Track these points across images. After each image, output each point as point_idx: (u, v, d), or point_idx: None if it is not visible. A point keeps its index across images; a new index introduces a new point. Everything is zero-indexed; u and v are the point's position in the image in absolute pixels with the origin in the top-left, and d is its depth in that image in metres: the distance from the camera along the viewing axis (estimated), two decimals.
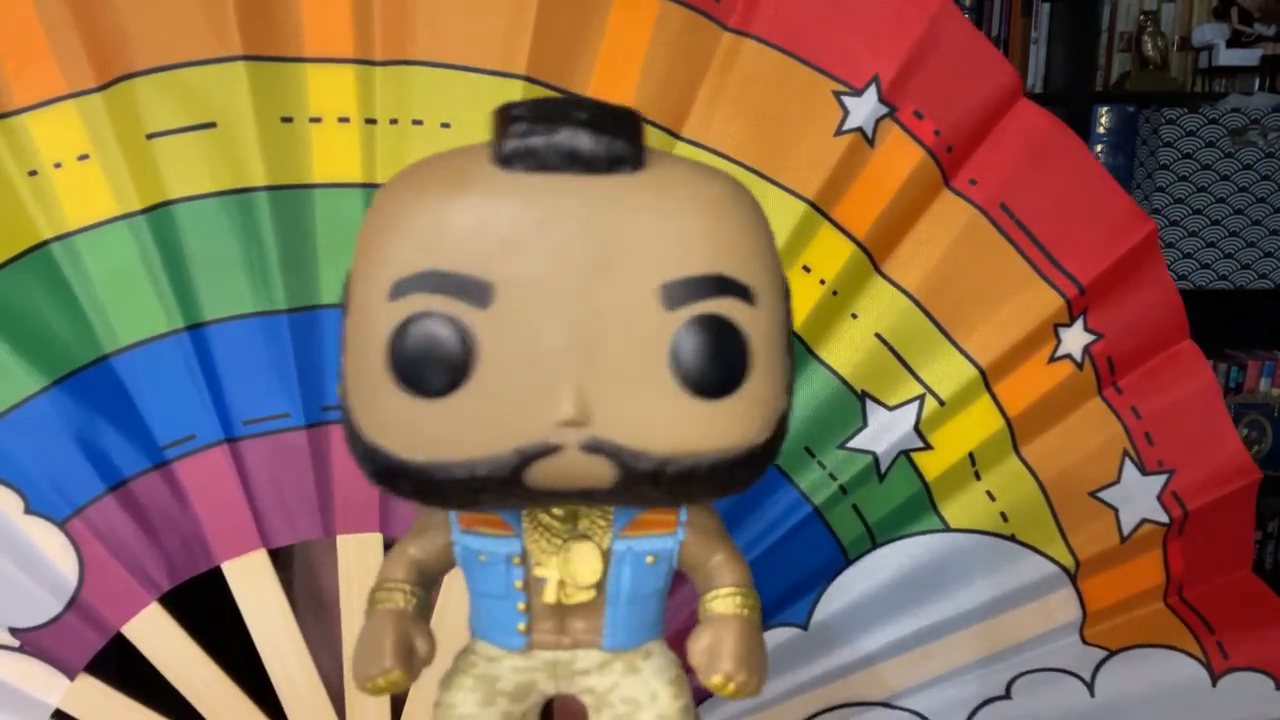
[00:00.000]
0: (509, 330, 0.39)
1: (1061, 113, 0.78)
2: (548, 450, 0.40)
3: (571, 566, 0.46)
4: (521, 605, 0.48)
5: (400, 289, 0.40)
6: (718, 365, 0.40)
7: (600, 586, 0.47)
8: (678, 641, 0.49)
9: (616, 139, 0.39)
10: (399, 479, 0.42)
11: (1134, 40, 2.53)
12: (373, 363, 0.40)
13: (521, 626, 0.48)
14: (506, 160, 0.40)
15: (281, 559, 0.79)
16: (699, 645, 0.47)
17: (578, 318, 0.39)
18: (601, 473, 0.40)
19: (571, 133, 0.39)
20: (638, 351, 0.40)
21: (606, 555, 0.47)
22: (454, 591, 0.50)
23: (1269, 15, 2.50)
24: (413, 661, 0.48)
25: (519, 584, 0.47)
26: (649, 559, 0.47)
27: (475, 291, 0.39)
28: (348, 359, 0.42)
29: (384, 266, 0.40)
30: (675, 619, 0.50)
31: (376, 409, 0.41)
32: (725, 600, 0.48)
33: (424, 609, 0.50)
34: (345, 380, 0.42)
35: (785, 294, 0.43)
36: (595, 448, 0.40)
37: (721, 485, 0.42)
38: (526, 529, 0.47)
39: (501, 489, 0.41)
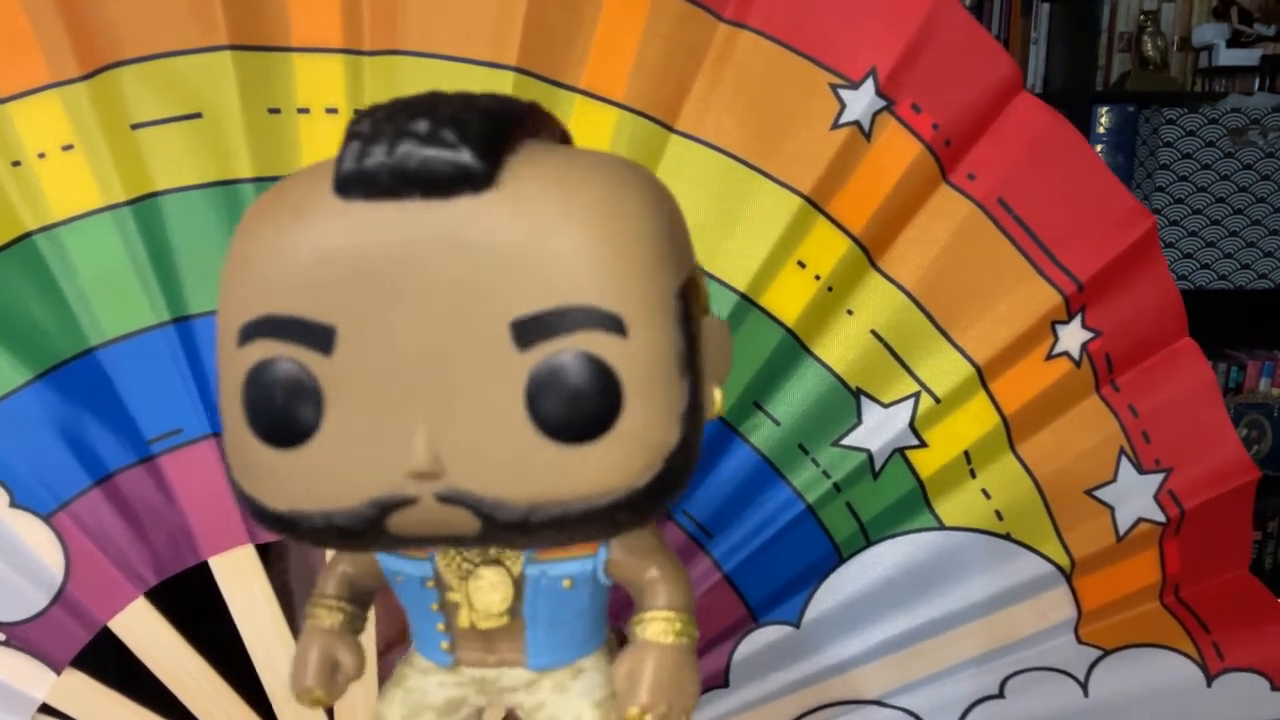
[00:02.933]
0: (354, 377, 0.37)
1: (1061, 113, 0.77)
2: (403, 501, 0.38)
3: (480, 595, 0.45)
4: (441, 626, 0.47)
5: (245, 334, 0.37)
6: (579, 408, 0.36)
7: (515, 611, 0.46)
8: (627, 612, 0.47)
9: (460, 151, 0.36)
10: (267, 523, 0.40)
11: (1134, 40, 2.52)
12: (234, 410, 0.38)
13: (445, 645, 0.47)
14: (342, 188, 0.36)
15: (276, 548, 0.79)
16: (620, 672, 0.45)
17: (426, 361, 0.37)
18: (463, 522, 0.38)
19: (409, 149, 0.36)
20: (491, 395, 0.36)
21: (520, 580, 0.45)
22: None
23: (1269, 15, 2.49)
24: (336, 678, 0.48)
25: (435, 606, 0.46)
26: (565, 583, 0.46)
27: (316, 337, 0.37)
28: (220, 404, 0.40)
29: (231, 311, 0.38)
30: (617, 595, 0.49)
31: (238, 455, 0.39)
32: (650, 625, 0.45)
33: (355, 624, 0.50)
34: (222, 422, 0.40)
35: (681, 311, 0.38)
36: (452, 498, 0.37)
37: (600, 530, 0.39)
38: (438, 552, 0.45)
39: (364, 538, 0.39)
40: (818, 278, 0.76)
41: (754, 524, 0.77)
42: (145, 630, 0.73)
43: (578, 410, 0.36)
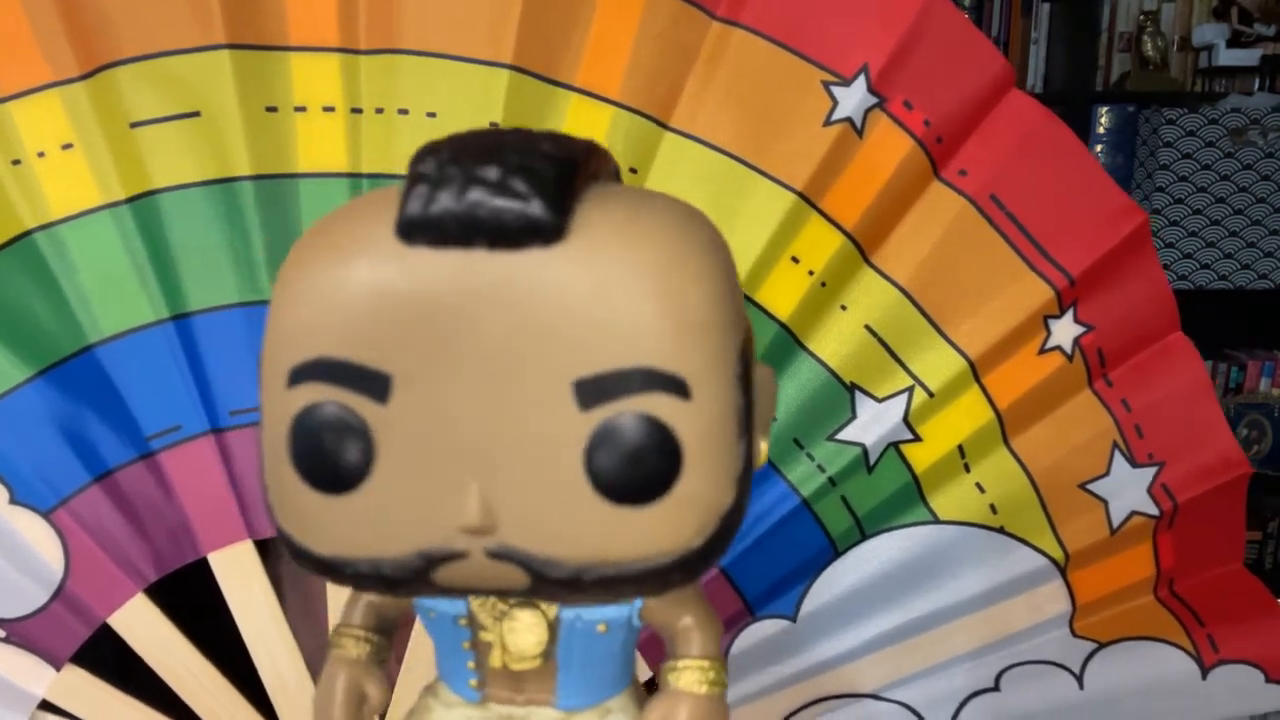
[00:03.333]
0: (409, 426, 0.36)
1: (1061, 113, 0.77)
2: (452, 555, 0.37)
3: (515, 636, 0.44)
4: (471, 664, 0.47)
5: (296, 376, 0.36)
6: (640, 471, 0.35)
7: (548, 654, 0.45)
8: (653, 645, 0.48)
9: (531, 203, 0.34)
10: (310, 566, 0.39)
11: (1134, 40, 2.52)
12: (278, 451, 0.37)
13: (473, 683, 0.47)
14: (406, 232, 0.35)
15: (271, 553, 0.79)
16: (651, 718, 0.45)
17: (483, 415, 0.36)
18: (513, 577, 0.37)
19: (479, 198, 0.34)
20: (549, 454, 0.35)
21: (554, 624, 0.45)
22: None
23: (1269, 15, 2.50)
24: (362, 711, 0.48)
25: (466, 644, 0.46)
26: (600, 627, 0.45)
27: (372, 384, 0.35)
28: (262, 438, 0.39)
29: (280, 350, 0.37)
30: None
31: (283, 498, 0.38)
32: (685, 674, 0.45)
33: (381, 655, 0.50)
34: (263, 462, 0.39)
35: (741, 372, 0.38)
36: (503, 555, 0.36)
37: (651, 590, 0.39)
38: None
39: (410, 586, 0.38)
40: (811, 273, 0.76)
41: (750, 518, 0.77)
42: (144, 626, 0.74)
43: (637, 472, 0.35)
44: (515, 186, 0.34)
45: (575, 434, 0.35)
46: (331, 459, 0.36)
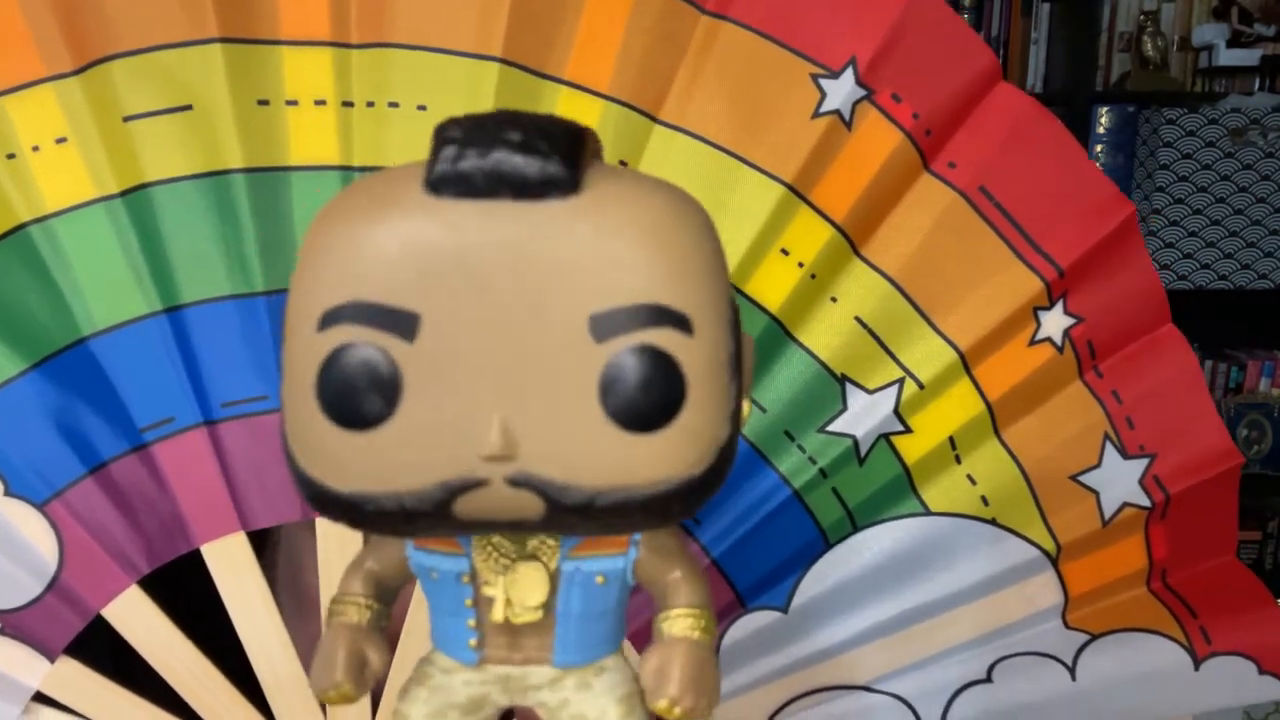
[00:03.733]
0: (435, 363, 0.39)
1: (1061, 113, 0.78)
2: (473, 484, 0.39)
3: (517, 588, 0.46)
4: (472, 622, 0.48)
5: (327, 320, 0.39)
6: (649, 398, 0.38)
7: (549, 607, 0.47)
8: (642, 635, 0.49)
9: (550, 161, 0.38)
10: (330, 508, 0.41)
11: (1134, 40, 2.53)
12: (303, 393, 0.39)
13: (473, 642, 0.48)
14: (435, 186, 0.38)
15: (266, 550, 0.79)
16: (649, 667, 0.47)
17: (505, 350, 0.38)
18: (529, 505, 0.40)
19: (503, 156, 0.37)
20: (567, 384, 0.38)
21: (555, 576, 0.47)
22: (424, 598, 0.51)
23: (1269, 15, 2.50)
24: (364, 675, 0.49)
25: (469, 601, 0.48)
26: (599, 579, 0.47)
27: (401, 323, 0.38)
28: (284, 388, 0.41)
29: (311, 297, 0.39)
30: (639, 615, 0.50)
31: (306, 439, 0.41)
32: (678, 622, 0.47)
33: (380, 621, 0.51)
34: (283, 408, 0.42)
35: (732, 320, 0.41)
36: (522, 481, 0.39)
37: (656, 517, 0.41)
38: (475, 548, 0.47)
39: (430, 520, 0.41)
40: (801, 265, 0.77)
41: (741, 509, 0.78)
42: (138, 618, 0.74)
43: (648, 401, 0.38)
44: (538, 145, 0.38)
45: (591, 365, 0.38)
46: (361, 396, 0.39)
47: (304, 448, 0.41)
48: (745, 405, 0.44)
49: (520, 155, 0.37)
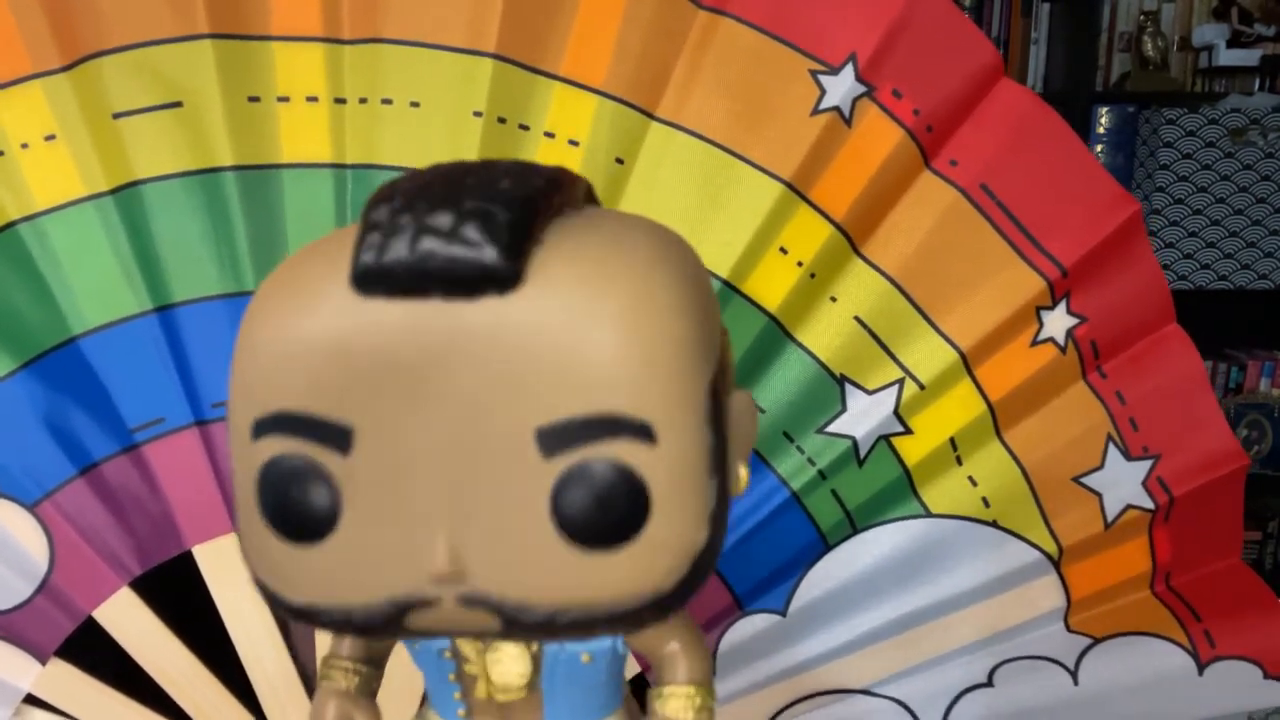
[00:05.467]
0: (374, 477, 0.36)
1: (1061, 113, 0.77)
2: (423, 603, 0.37)
3: (497, 670, 0.45)
4: (458, 694, 0.47)
5: (258, 429, 0.36)
6: (606, 517, 0.35)
7: (534, 684, 0.46)
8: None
9: (485, 249, 0.34)
10: (284, 612, 0.39)
11: (1134, 40, 2.52)
12: (247, 501, 0.37)
13: (461, 713, 0.47)
14: (360, 282, 0.35)
15: None
16: None
17: (448, 462, 0.36)
18: (485, 622, 0.37)
19: (432, 246, 0.34)
20: (515, 502, 0.36)
21: (538, 657, 0.45)
22: None
23: (1269, 15, 2.49)
24: None
25: (452, 676, 0.47)
26: (584, 658, 0.46)
27: (333, 437, 0.36)
28: (234, 489, 0.39)
29: (242, 402, 0.37)
30: None
31: (253, 546, 0.38)
32: (671, 701, 0.46)
33: (370, 685, 0.50)
34: (234, 512, 0.39)
35: (711, 412, 0.37)
36: (473, 601, 0.37)
37: (625, 628, 0.40)
38: None
39: (383, 632, 0.39)
40: (800, 264, 0.76)
41: (739, 511, 0.77)
42: (129, 620, 0.73)
43: (604, 519, 0.35)
44: (468, 235, 0.34)
45: (539, 481, 0.35)
46: (298, 510, 0.36)
47: (252, 554, 0.39)
48: (742, 470, 0.40)
49: (451, 246, 0.34)
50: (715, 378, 0.38)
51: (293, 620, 0.40)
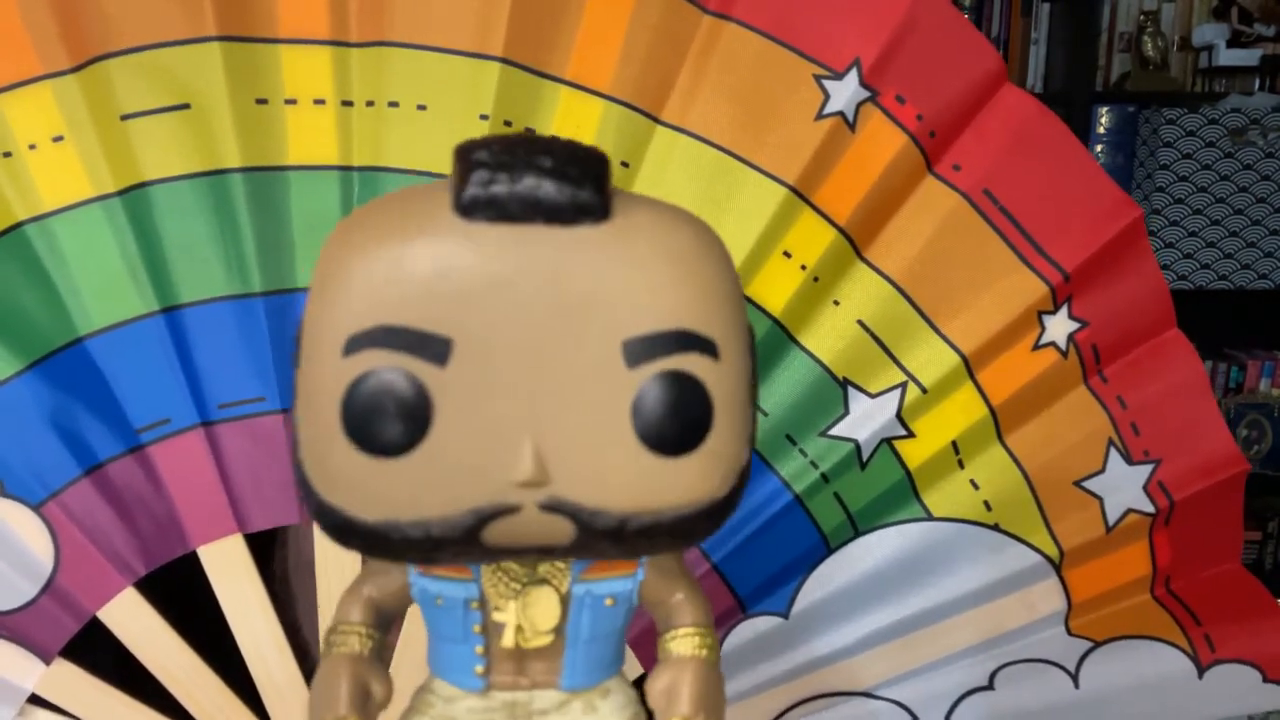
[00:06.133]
0: (467, 389, 0.38)
1: (1061, 113, 0.77)
2: (505, 510, 0.39)
3: (530, 612, 0.46)
4: (480, 649, 0.47)
5: (354, 344, 0.38)
6: (681, 423, 0.39)
7: (559, 630, 0.47)
8: (640, 642, 0.48)
9: (582, 188, 0.38)
10: (352, 537, 0.40)
11: (1134, 40, 2.52)
12: (325, 419, 0.38)
13: (479, 669, 0.48)
14: (467, 209, 0.38)
15: (275, 549, 0.79)
16: (657, 686, 0.47)
17: (538, 375, 0.38)
18: (560, 530, 0.39)
19: (535, 181, 0.37)
20: (600, 410, 0.38)
21: (565, 599, 0.47)
22: (416, 623, 0.50)
23: (1269, 15, 2.49)
24: (368, 706, 0.48)
25: (477, 628, 0.47)
26: (608, 601, 0.47)
27: (432, 349, 0.38)
28: (300, 413, 0.40)
29: (336, 320, 0.38)
30: (639, 620, 0.50)
31: (328, 466, 0.39)
32: (684, 641, 0.48)
33: (380, 651, 0.50)
34: (298, 433, 0.41)
35: (750, 345, 0.41)
36: (554, 507, 0.39)
37: (681, 539, 0.42)
38: (485, 573, 0.46)
39: (457, 548, 0.40)
40: (804, 268, 0.76)
41: (742, 514, 0.77)
42: (134, 621, 0.73)
43: (679, 425, 0.39)
44: (569, 171, 0.37)
45: (624, 390, 0.38)
46: (390, 422, 0.38)
47: (325, 476, 0.40)
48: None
49: (552, 181, 0.37)
50: (749, 325, 0.42)
51: (359, 545, 0.41)
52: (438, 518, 0.39)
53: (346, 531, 0.40)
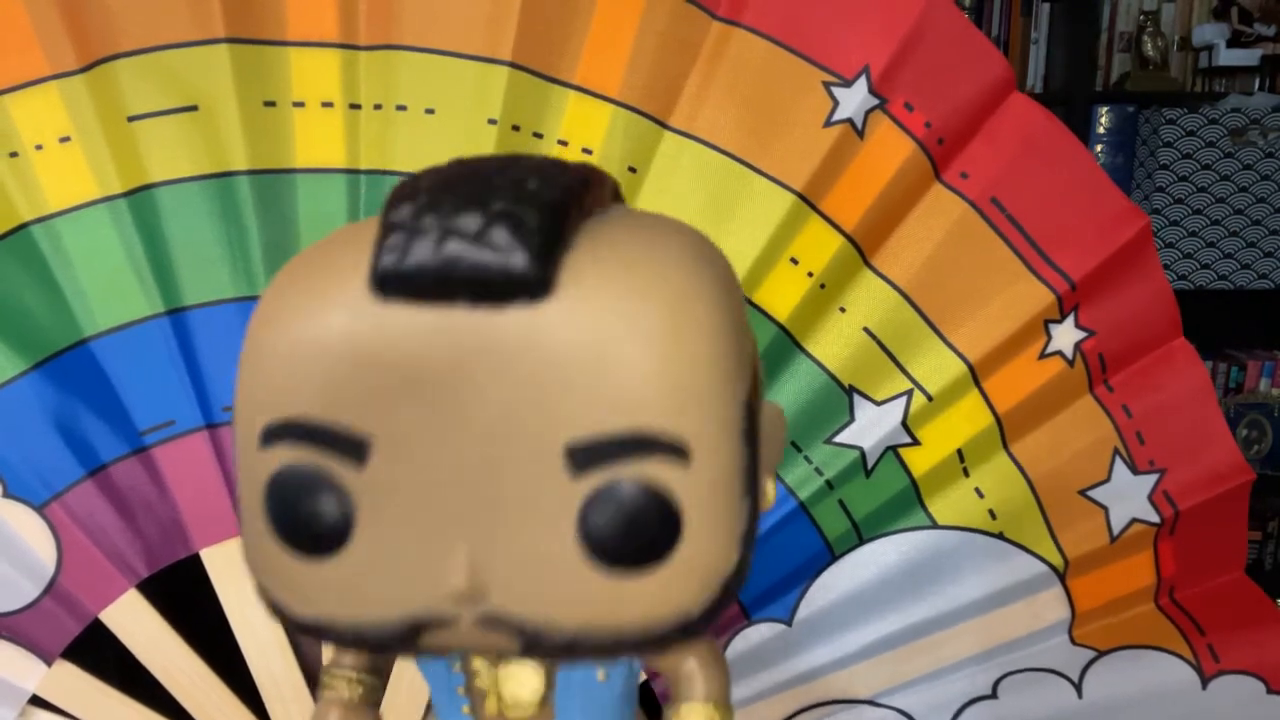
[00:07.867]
0: (390, 489, 0.34)
1: (1061, 113, 0.77)
2: (439, 621, 0.35)
3: (508, 686, 0.43)
4: (466, 709, 0.45)
5: (268, 436, 0.34)
6: (635, 540, 0.33)
7: (546, 700, 0.44)
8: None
9: (515, 254, 0.31)
10: (292, 626, 0.37)
11: (1134, 40, 2.52)
12: (253, 511, 0.35)
13: None
14: (381, 284, 0.32)
15: None
16: None
17: (470, 476, 0.33)
18: (504, 643, 0.35)
19: (459, 250, 0.31)
20: (540, 520, 0.33)
21: (551, 674, 0.43)
22: None
23: (1269, 15, 2.49)
24: None
25: (461, 690, 0.45)
26: (599, 676, 0.44)
27: (348, 447, 0.33)
28: (239, 502, 0.36)
29: (251, 406, 0.34)
30: None
31: (260, 559, 0.36)
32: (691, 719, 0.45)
33: (372, 695, 0.49)
34: (239, 522, 0.36)
35: (745, 424, 0.35)
36: (493, 621, 0.34)
37: (651, 651, 0.37)
38: None
39: (396, 650, 0.37)
40: (810, 274, 0.76)
41: None
42: (136, 622, 0.73)
43: (634, 541, 0.33)
44: (496, 239, 0.32)
45: (567, 499, 0.33)
46: (308, 523, 0.34)
47: (258, 567, 0.36)
48: (769, 485, 0.38)
49: (479, 251, 0.31)
50: (750, 392, 0.36)
51: (300, 634, 0.38)
52: (370, 623, 0.35)
53: (284, 620, 0.37)
